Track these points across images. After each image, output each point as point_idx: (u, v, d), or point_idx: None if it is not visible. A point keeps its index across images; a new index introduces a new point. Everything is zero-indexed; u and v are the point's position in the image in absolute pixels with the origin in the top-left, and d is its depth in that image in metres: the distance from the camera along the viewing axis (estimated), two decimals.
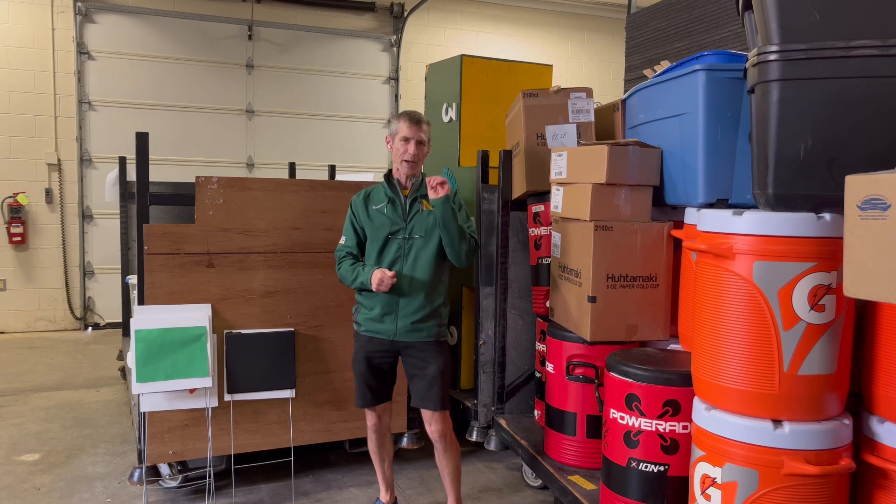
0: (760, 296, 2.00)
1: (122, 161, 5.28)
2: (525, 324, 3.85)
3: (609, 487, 2.60)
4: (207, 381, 3.10)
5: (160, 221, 3.63)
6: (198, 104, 7.80)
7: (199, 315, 3.18)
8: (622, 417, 2.53)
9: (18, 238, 7.16)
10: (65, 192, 7.37)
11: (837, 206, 1.84)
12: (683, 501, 2.41)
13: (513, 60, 4.68)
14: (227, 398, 3.25)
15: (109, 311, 7.44)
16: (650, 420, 2.45)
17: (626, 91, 3.44)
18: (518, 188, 3.65)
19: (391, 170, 3.00)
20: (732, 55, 2.60)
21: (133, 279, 4.12)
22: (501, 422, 3.68)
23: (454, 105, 4.44)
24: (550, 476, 3.07)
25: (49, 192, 7.29)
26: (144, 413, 3.14)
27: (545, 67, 4.70)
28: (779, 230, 1.99)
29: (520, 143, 3.55)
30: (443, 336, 2.95)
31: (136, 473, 3.28)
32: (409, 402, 3.61)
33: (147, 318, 3.08)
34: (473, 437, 3.84)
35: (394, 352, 2.95)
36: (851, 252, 1.70)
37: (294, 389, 3.35)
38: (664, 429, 2.44)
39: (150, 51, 7.59)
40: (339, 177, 5.63)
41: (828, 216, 1.97)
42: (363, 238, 2.98)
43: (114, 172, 5.29)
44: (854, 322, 2.08)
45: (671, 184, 2.82)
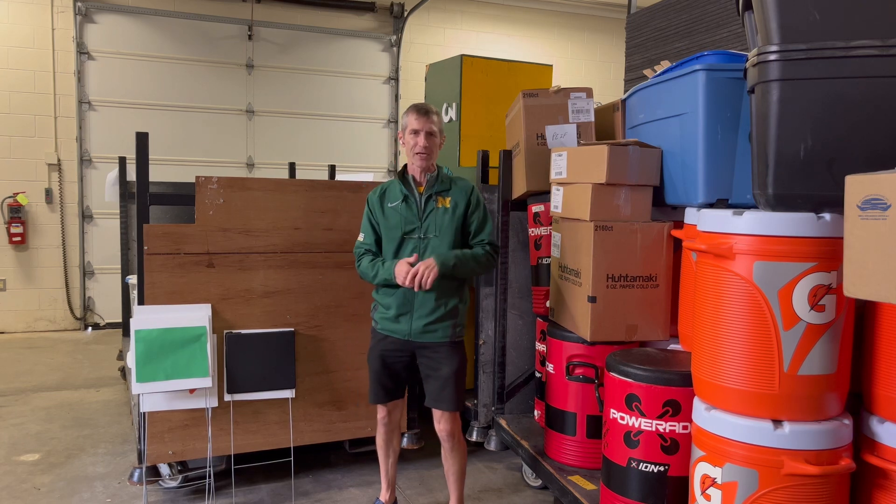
0: (760, 296, 2.00)
1: (122, 161, 5.28)
2: (525, 324, 3.85)
3: (609, 487, 2.60)
4: (207, 382, 3.10)
5: (160, 221, 3.63)
6: (198, 104, 7.79)
7: (199, 315, 3.18)
8: (622, 417, 2.53)
9: (18, 238, 7.16)
10: (65, 192, 7.37)
11: (837, 206, 1.84)
12: (683, 501, 2.41)
13: (513, 60, 4.69)
14: (227, 398, 3.25)
15: (109, 311, 7.44)
16: (650, 420, 2.45)
17: (626, 91, 3.44)
18: (518, 188, 3.65)
19: (406, 165, 2.96)
20: (732, 55, 2.60)
21: (133, 279, 4.12)
22: (501, 422, 3.68)
23: (454, 105, 4.44)
24: (550, 476, 3.07)
25: (49, 192, 7.28)
26: (144, 413, 3.14)
27: (545, 67, 4.71)
28: (779, 230, 1.99)
29: (520, 143, 3.55)
30: (458, 336, 2.90)
31: (136, 473, 3.28)
32: (408, 403, 3.61)
33: (147, 318, 3.08)
34: (473, 437, 3.83)
35: (409, 351, 2.92)
36: (851, 252, 1.70)
37: (294, 389, 3.35)
38: (664, 429, 2.43)
39: (150, 51, 7.58)
40: (339, 177, 5.63)
41: (828, 216, 1.97)
42: (381, 234, 2.94)
43: (114, 172, 5.28)
44: (854, 322, 2.08)
45: (671, 184, 2.82)
